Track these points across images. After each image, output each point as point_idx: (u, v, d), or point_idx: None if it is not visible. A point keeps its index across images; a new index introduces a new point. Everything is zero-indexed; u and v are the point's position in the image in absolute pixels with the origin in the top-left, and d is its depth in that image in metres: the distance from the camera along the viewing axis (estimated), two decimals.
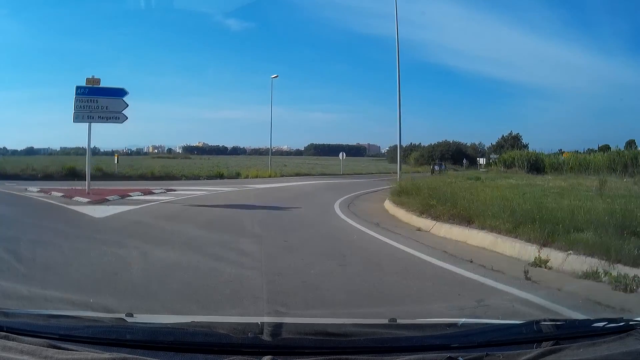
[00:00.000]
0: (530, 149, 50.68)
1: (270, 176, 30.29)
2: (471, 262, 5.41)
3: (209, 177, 26.55)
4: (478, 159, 67.94)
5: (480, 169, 53.00)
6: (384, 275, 4.88)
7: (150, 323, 1.64)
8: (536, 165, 39.32)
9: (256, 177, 28.80)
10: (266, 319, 1.73)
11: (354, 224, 8.74)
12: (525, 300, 3.86)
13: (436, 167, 53.91)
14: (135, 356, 1.21)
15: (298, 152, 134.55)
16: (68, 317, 1.70)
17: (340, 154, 40.05)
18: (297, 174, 33.69)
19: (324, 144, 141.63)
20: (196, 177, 25.81)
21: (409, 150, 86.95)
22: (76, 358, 1.19)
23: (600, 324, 1.50)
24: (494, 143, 73.46)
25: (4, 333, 1.34)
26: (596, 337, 1.41)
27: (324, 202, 12.80)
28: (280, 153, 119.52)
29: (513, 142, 67.24)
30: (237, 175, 28.98)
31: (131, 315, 1.63)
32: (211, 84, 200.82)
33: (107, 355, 1.20)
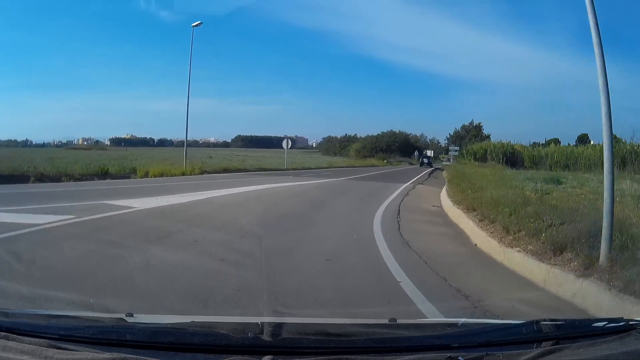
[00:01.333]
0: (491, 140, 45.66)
1: (184, 173, 20.43)
2: None
3: (85, 176, 17.08)
4: (426, 151, 63.94)
5: (444, 162, 48.03)
6: None
7: (150, 323, 1.65)
8: (512, 159, 34.95)
9: (161, 175, 19.25)
10: (266, 319, 1.73)
11: None
12: None
13: (425, 160, 49.41)
14: (135, 356, 1.21)
15: (225, 144, 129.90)
16: (68, 317, 1.71)
17: (285, 142, 32.70)
18: (226, 170, 24.26)
19: (251, 136, 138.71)
20: (57, 178, 15.98)
21: (345, 142, 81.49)
22: (76, 358, 1.19)
23: (601, 324, 1.50)
24: (452, 133, 66.49)
25: (4, 333, 1.34)
26: (596, 337, 1.41)
27: None
28: (207, 145, 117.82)
29: (476, 132, 61.93)
30: (132, 173, 19.41)
31: (131, 315, 1.64)
32: (144, 76, 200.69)
33: (107, 355, 1.20)
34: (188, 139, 26.87)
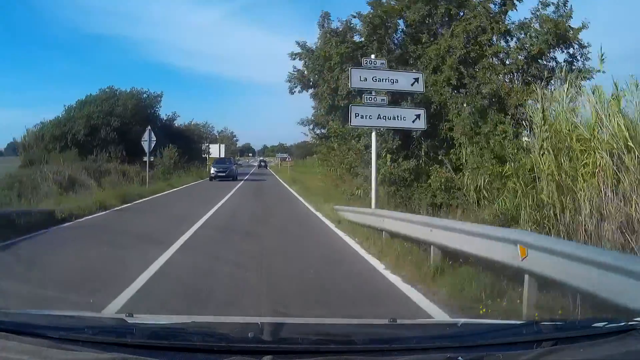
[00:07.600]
0: None
1: None
2: None
3: None
4: (259, 157, 56.80)
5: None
6: None
7: (150, 323, 1.64)
8: None
9: None
10: (266, 319, 1.73)
11: None
12: None
13: (262, 164, 48.70)
14: (135, 356, 1.21)
15: None
16: (68, 317, 1.70)
17: None
18: None
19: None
20: None
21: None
22: (76, 358, 1.19)
23: (600, 324, 1.50)
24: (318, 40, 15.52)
25: (4, 333, 1.34)
26: (596, 338, 1.40)
27: None
28: None
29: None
30: None
31: (131, 315, 1.63)
32: None
33: (107, 355, 1.20)
34: None
